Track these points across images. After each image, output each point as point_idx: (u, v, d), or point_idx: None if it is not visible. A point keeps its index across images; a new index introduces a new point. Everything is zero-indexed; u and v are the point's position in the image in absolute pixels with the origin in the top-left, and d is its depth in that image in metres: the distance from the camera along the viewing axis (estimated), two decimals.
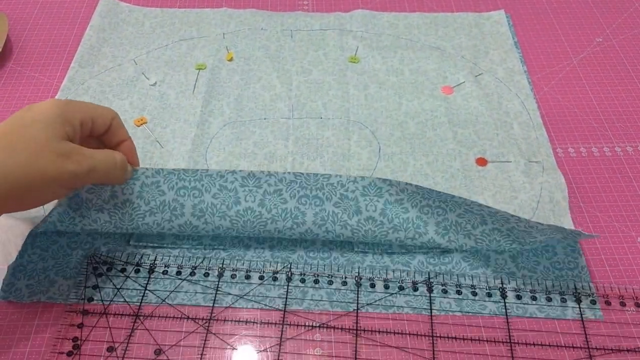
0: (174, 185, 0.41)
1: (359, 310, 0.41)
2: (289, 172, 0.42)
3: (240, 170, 0.42)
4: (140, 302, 0.41)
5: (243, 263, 0.43)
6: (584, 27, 0.65)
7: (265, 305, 0.41)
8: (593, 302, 0.41)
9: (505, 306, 0.41)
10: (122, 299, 0.41)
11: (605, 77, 0.59)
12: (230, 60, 0.60)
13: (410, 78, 0.58)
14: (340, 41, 0.62)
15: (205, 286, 0.42)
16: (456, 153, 0.51)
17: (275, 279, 0.43)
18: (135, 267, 0.43)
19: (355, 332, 0.40)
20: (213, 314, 0.41)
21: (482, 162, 0.50)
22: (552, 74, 0.60)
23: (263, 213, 0.41)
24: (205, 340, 0.39)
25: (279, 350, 0.39)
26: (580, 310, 0.41)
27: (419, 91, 0.57)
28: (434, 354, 0.39)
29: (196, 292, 0.42)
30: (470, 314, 0.41)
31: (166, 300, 0.41)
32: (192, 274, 0.43)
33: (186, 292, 0.42)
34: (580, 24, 0.66)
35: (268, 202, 0.42)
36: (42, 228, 0.41)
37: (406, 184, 0.42)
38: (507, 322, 0.40)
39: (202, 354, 0.39)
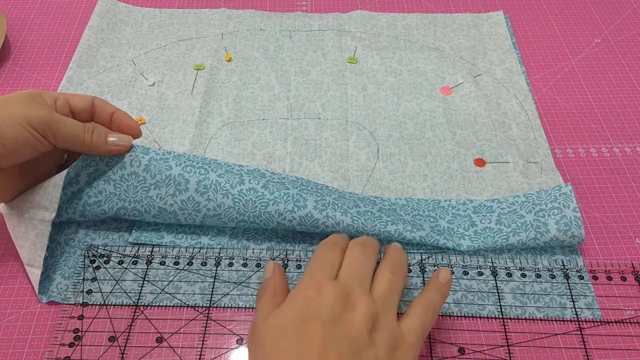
0: (182, 163, 0.42)
1: None
2: (292, 175, 0.45)
3: (247, 166, 0.45)
4: (140, 293, 0.42)
5: (240, 251, 0.44)
6: (583, 28, 0.65)
7: None
8: (592, 301, 0.41)
9: (496, 284, 0.42)
10: (121, 290, 0.42)
11: (603, 78, 0.60)
12: (229, 60, 0.60)
13: (409, 79, 0.58)
14: (338, 42, 0.62)
15: (203, 275, 0.43)
16: (455, 154, 0.51)
17: None
18: (133, 259, 0.44)
19: None
20: (212, 302, 0.41)
21: (480, 162, 0.50)
22: (550, 75, 0.60)
23: (265, 194, 0.42)
24: (205, 327, 0.40)
25: None
26: (576, 311, 0.41)
27: (418, 92, 0.57)
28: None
29: (195, 281, 0.42)
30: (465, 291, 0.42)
31: (165, 289, 0.42)
32: (190, 263, 0.43)
33: (185, 281, 0.42)
34: (578, 25, 0.66)
35: (271, 186, 0.42)
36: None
37: (396, 198, 0.46)
38: (499, 296, 0.40)
39: (203, 340, 0.39)
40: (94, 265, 0.43)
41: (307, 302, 0.34)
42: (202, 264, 0.43)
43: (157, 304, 0.41)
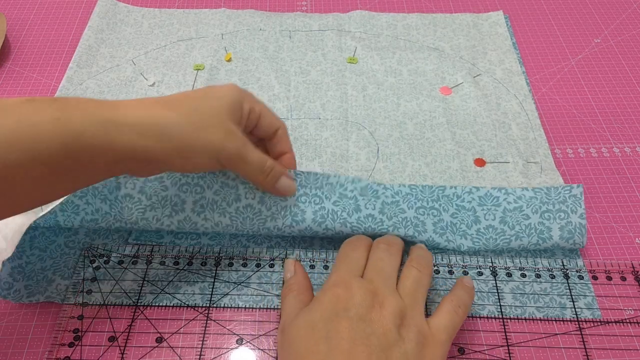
0: (177, 182, 0.42)
1: None
2: (289, 170, 0.42)
3: None
4: (139, 293, 0.42)
5: (239, 251, 0.44)
6: (582, 28, 0.65)
7: (263, 291, 0.42)
8: (591, 301, 0.41)
9: (496, 284, 0.42)
10: (121, 290, 0.42)
11: (603, 78, 0.60)
12: (229, 60, 0.60)
13: (409, 79, 0.58)
14: (338, 42, 0.62)
15: (203, 275, 0.43)
16: (454, 154, 0.51)
17: (272, 265, 0.43)
18: (133, 259, 0.44)
19: None
20: (212, 302, 0.41)
21: (480, 162, 0.50)
22: (550, 75, 0.60)
23: (263, 210, 0.42)
24: (205, 327, 0.40)
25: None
26: (576, 311, 0.41)
27: (418, 92, 0.57)
28: None
29: (194, 281, 0.42)
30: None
31: (165, 289, 0.42)
32: (190, 263, 0.43)
33: (185, 281, 0.42)
34: (578, 25, 0.66)
35: (268, 200, 0.42)
36: (43, 221, 0.41)
37: (399, 185, 0.44)
38: (499, 296, 0.40)
39: (203, 340, 0.39)
40: (94, 265, 0.43)
41: (335, 300, 0.34)
42: (202, 264, 0.43)
43: (157, 304, 0.41)
